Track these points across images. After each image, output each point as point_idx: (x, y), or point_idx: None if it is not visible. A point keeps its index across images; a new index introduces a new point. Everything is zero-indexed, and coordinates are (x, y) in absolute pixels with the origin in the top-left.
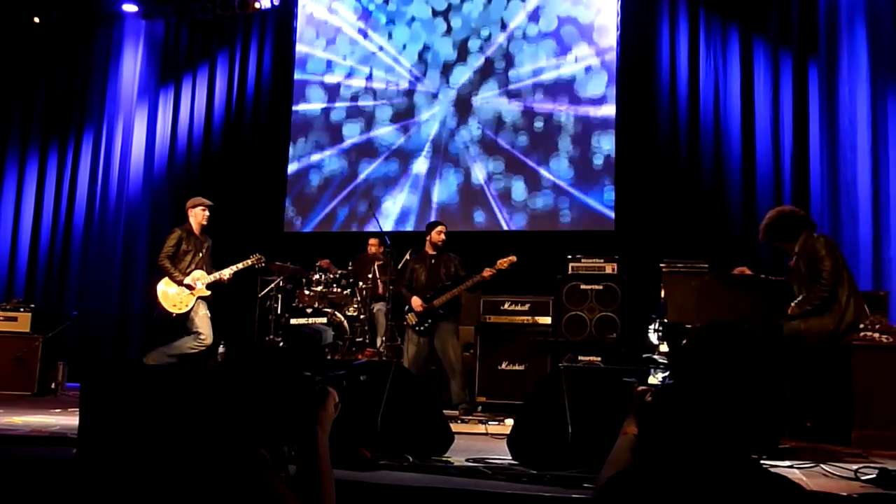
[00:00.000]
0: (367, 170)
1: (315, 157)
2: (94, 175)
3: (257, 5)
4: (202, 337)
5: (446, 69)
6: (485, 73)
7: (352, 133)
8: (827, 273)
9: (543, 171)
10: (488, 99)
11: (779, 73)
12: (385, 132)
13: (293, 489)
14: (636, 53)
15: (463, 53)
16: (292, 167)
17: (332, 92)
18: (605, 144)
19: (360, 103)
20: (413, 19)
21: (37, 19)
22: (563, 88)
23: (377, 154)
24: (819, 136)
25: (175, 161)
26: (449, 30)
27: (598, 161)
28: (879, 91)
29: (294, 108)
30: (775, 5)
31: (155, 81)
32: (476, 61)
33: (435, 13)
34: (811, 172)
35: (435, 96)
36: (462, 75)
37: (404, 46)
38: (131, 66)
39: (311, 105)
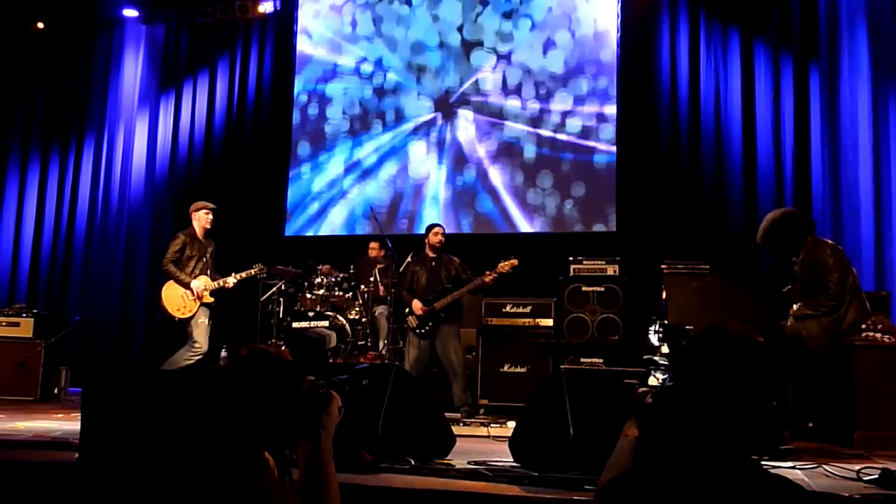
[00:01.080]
0: (368, 173)
1: (316, 161)
2: (95, 180)
3: (260, 9)
4: (197, 345)
5: (445, 74)
6: (486, 77)
7: (352, 136)
8: (834, 285)
9: (544, 173)
10: (489, 102)
11: (779, 75)
12: (385, 135)
13: (297, 493)
14: (637, 56)
15: (468, 55)
16: (293, 171)
17: (333, 95)
18: (607, 146)
19: (360, 106)
20: (412, 22)
21: (41, 24)
22: (563, 89)
23: (378, 156)
24: (820, 137)
25: (176, 166)
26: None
27: (600, 163)
28: (881, 91)
29: (294, 112)
30: (776, 7)
31: (156, 87)
32: (480, 61)
33: (434, 18)
34: (812, 173)
35: (435, 99)
36: (465, 74)
37: (408, 49)
38: (132, 71)
39: (312, 109)
